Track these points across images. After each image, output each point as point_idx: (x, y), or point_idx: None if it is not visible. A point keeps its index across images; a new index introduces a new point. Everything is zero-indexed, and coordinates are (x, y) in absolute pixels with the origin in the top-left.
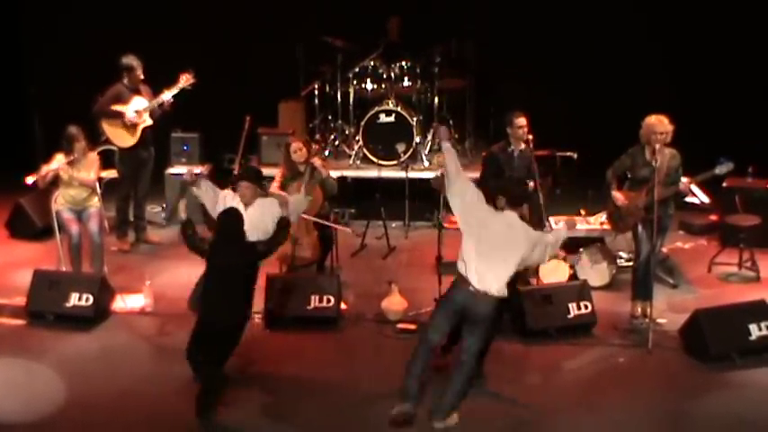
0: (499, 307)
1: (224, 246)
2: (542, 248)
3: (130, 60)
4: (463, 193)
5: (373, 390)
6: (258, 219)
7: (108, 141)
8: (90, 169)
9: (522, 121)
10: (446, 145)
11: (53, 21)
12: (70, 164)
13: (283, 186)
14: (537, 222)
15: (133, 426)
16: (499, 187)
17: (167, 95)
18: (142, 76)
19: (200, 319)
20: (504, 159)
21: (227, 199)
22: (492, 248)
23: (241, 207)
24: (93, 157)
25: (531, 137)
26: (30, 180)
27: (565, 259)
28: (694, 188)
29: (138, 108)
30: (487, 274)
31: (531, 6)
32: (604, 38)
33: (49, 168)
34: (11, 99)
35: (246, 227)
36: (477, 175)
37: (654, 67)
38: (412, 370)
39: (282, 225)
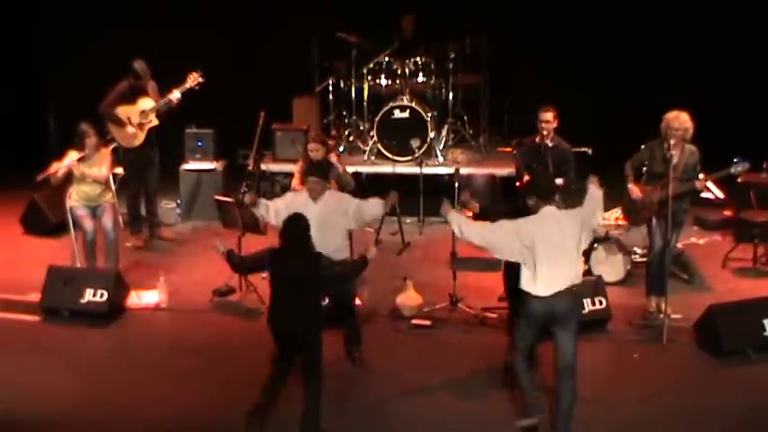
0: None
1: (288, 255)
2: (592, 215)
3: (139, 67)
4: (494, 241)
5: (388, 385)
6: (327, 214)
7: (114, 141)
8: (102, 165)
9: (544, 115)
10: (451, 216)
11: (67, 18)
12: (81, 160)
13: (303, 181)
14: None
15: (148, 422)
16: (527, 189)
17: (175, 95)
18: (150, 80)
19: (273, 332)
20: (529, 150)
21: (297, 200)
22: (549, 250)
23: (310, 202)
24: (105, 152)
25: (545, 132)
26: (40, 178)
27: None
28: (709, 184)
29: (144, 109)
30: (556, 275)
31: (546, 2)
32: (620, 34)
33: (59, 165)
34: (26, 96)
35: (314, 223)
36: (492, 170)
37: (669, 64)
38: (525, 384)
39: (360, 264)
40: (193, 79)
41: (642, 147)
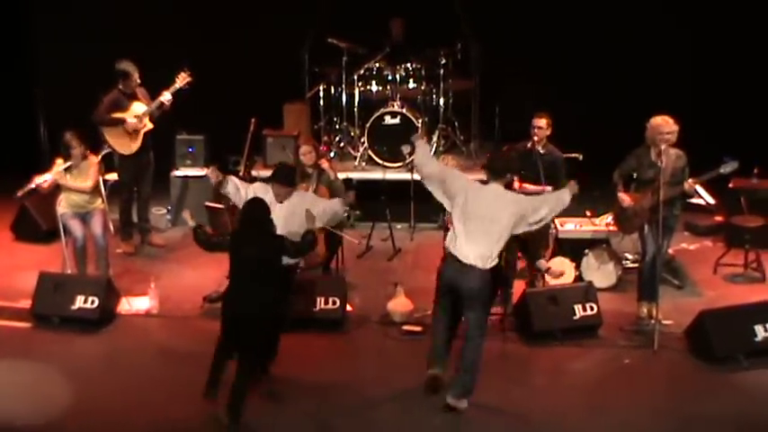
0: (491, 281)
1: (247, 235)
2: (534, 211)
3: (126, 66)
4: (436, 176)
5: (378, 392)
6: (291, 212)
7: (110, 149)
8: (87, 176)
9: (538, 121)
10: (419, 141)
11: (58, 22)
12: (67, 170)
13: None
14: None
15: (139, 429)
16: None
17: (165, 97)
18: (139, 81)
19: (224, 316)
20: (520, 156)
21: (258, 191)
22: (475, 221)
23: (272, 200)
24: (93, 161)
25: (536, 138)
26: (20, 194)
27: (571, 260)
28: (699, 189)
29: (137, 113)
30: (470, 247)
31: (537, 7)
32: (610, 38)
33: (40, 180)
34: (16, 101)
35: (279, 221)
36: (483, 176)
37: (659, 68)
38: (434, 340)
39: (308, 238)
40: (182, 79)
41: (628, 156)
